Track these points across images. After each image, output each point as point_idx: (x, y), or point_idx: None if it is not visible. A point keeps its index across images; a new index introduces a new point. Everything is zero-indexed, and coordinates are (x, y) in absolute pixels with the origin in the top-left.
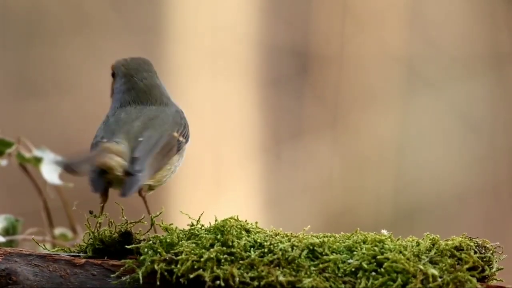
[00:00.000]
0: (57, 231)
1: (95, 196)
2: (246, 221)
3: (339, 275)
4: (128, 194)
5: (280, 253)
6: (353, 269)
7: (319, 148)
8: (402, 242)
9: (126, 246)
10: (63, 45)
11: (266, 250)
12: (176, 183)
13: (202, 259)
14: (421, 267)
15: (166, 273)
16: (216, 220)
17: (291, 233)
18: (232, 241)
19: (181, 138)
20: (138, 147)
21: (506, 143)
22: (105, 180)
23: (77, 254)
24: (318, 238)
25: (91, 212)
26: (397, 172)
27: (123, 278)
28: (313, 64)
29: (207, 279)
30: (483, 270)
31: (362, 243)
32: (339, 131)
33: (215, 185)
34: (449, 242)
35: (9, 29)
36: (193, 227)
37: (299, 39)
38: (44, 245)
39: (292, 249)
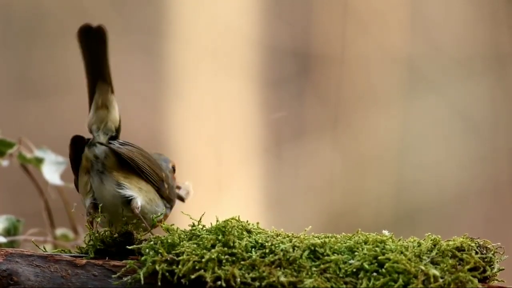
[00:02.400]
0: (59, 231)
1: None
2: (247, 221)
3: (341, 275)
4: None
5: (282, 253)
6: (354, 270)
7: (320, 148)
8: (403, 242)
9: (127, 247)
10: (64, 45)
11: (267, 250)
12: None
13: (203, 260)
14: (423, 267)
15: (167, 274)
16: (217, 221)
17: (293, 234)
18: (234, 242)
19: (166, 185)
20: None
21: (507, 144)
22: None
23: (79, 255)
24: (319, 239)
25: (89, 213)
26: (398, 172)
27: (125, 279)
28: (314, 65)
29: (208, 279)
30: (485, 271)
31: (363, 243)
32: (340, 132)
33: (216, 186)
34: (450, 243)
35: (10, 29)
36: (194, 228)
37: (300, 39)
38: (44, 247)
39: (294, 249)
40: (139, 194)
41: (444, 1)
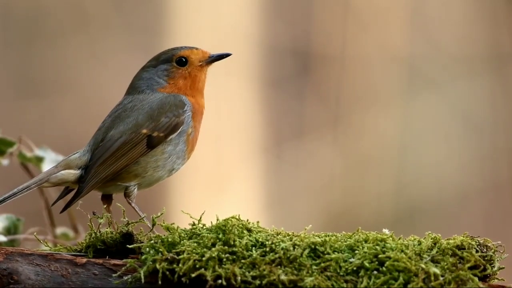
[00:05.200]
0: (59, 230)
1: (96, 196)
2: (247, 220)
3: (341, 274)
4: (66, 208)
5: (282, 252)
6: (354, 268)
7: (321, 147)
8: (403, 241)
9: (128, 246)
10: (64, 45)
11: (267, 249)
12: (177, 183)
13: (204, 258)
14: (423, 265)
15: (168, 273)
16: (217, 220)
17: (293, 232)
18: (234, 240)
19: (155, 134)
20: (94, 153)
21: (507, 143)
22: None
23: (79, 254)
24: (319, 237)
25: (94, 213)
26: (398, 171)
27: (125, 278)
28: (314, 64)
29: (209, 278)
30: (485, 269)
31: (363, 242)
32: (340, 131)
33: (217, 185)
34: (451, 241)
35: (10, 29)
36: (194, 227)
37: (301, 39)
38: (47, 243)
39: (294, 248)
40: (135, 178)
41: (444, 1)
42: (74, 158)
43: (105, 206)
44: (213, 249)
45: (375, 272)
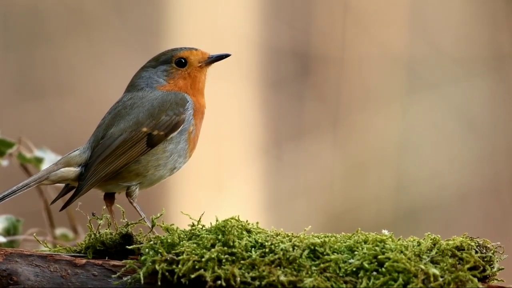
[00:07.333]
0: (58, 231)
1: (95, 196)
2: (247, 221)
3: (340, 274)
4: (66, 206)
5: (281, 253)
6: (354, 269)
7: (320, 149)
8: (403, 242)
9: (127, 247)
10: (64, 46)
11: (267, 250)
12: (177, 184)
13: (203, 259)
14: (422, 266)
15: (167, 273)
16: (217, 221)
17: (292, 233)
18: (233, 241)
19: (155, 132)
20: (94, 150)
21: (506, 144)
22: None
23: (78, 254)
24: (319, 238)
25: (93, 214)
26: (398, 172)
27: (124, 279)
28: (314, 66)
29: (208, 279)
30: (484, 270)
31: (363, 243)
32: (340, 132)
33: (216, 186)
34: (450, 242)
35: (10, 30)
36: (194, 228)
37: (300, 40)
38: (46, 244)
39: (293, 249)
40: (136, 178)
41: (444, 1)
42: (74, 156)
43: (107, 206)
44: (213, 250)
45: (374, 273)
